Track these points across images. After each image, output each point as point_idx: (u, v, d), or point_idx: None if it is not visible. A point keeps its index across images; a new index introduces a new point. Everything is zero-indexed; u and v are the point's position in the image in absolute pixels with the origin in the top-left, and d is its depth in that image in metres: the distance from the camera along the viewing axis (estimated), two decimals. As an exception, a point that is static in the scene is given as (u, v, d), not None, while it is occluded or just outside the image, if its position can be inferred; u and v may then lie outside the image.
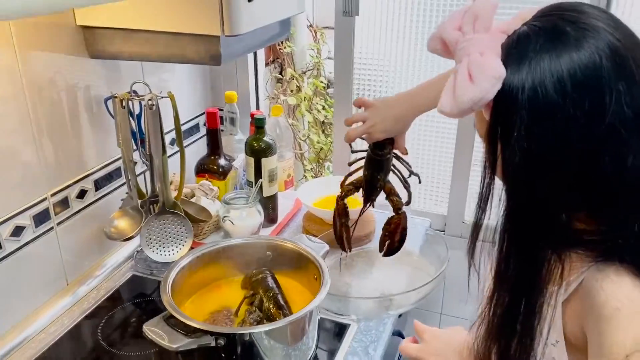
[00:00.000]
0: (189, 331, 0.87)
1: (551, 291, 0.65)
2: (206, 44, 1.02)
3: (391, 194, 1.17)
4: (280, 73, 1.78)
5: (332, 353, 1.04)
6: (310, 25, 1.91)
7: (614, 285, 0.59)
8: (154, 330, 0.86)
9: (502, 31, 0.63)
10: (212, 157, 1.45)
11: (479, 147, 1.50)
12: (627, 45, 0.58)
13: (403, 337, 1.52)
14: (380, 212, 1.53)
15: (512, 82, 0.59)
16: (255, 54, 1.60)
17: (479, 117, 0.67)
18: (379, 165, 1.14)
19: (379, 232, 1.45)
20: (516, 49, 0.60)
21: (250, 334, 0.87)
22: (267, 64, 1.72)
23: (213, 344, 0.87)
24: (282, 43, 1.73)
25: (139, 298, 1.20)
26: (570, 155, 0.58)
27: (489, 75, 0.59)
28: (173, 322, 0.88)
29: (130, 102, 1.14)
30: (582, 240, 0.63)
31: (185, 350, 0.85)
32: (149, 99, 1.12)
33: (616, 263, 0.60)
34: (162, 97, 1.15)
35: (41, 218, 1.08)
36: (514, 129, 0.59)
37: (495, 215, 0.70)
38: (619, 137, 0.57)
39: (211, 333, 0.86)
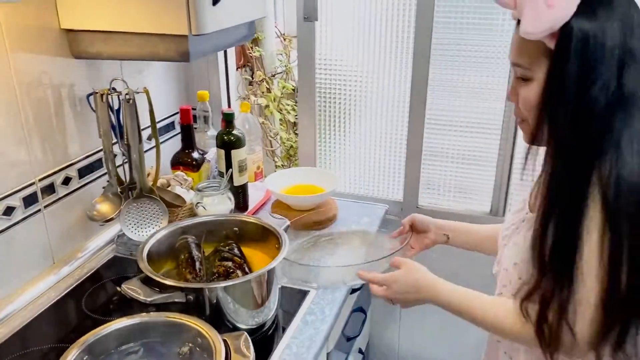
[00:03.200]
0: (162, 289, 1.00)
1: None
2: (176, 43, 1.15)
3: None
4: (252, 76, 1.93)
5: (292, 313, 1.18)
6: (282, 35, 2.06)
7: None
8: (131, 288, 0.99)
9: None
10: (186, 151, 1.58)
11: (429, 137, 1.66)
12: None
13: (365, 313, 1.67)
14: (342, 199, 1.68)
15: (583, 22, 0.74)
16: (225, 56, 1.74)
17: (521, 47, 0.82)
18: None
19: (340, 216, 1.60)
20: None
21: (216, 289, 1.00)
22: (238, 68, 1.87)
23: (183, 300, 0.99)
24: (251, 48, 1.88)
25: (119, 275, 1.32)
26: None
27: None
28: (148, 282, 1.01)
29: (109, 97, 1.28)
30: None
31: (160, 303, 0.98)
32: (127, 93, 1.25)
33: None
34: (139, 92, 1.28)
35: (30, 201, 1.20)
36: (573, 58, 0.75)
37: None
38: None
39: (181, 289, 0.99)
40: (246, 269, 1.12)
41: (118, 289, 1.01)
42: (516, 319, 0.88)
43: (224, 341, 0.90)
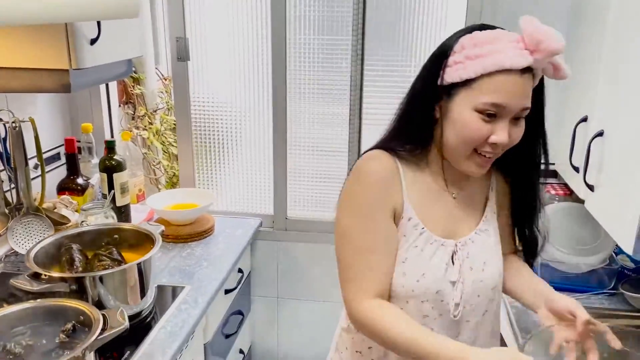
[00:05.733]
0: (47, 282, 1.16)
1: None
2: (59, 76, 1.35)
3: None
4: (134, 112, 2.13)
5: (168, 304, 1.37)
6: (164, 76, 2.29)
7: None
8: (19, 282, 1.14)
9: None
10: (71, 177, 1.74)
11: (291, 156, 1.95)
12: None
13: (242, 315, 1.88)
14: (220, 216, 1.91)
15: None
16: (107, 92, 1.94)
17: (529, 92, 0.94)
18: None
19: (217, 229, 1.82)
20: None
21: (94, 277, 1.18)
22: (120, 104, 2.06)
23: (67, 289, 1.16)
24: (133, 87, 2.08)
25: (7, 289, 1.43)
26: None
27: None
28: (35, 278, 1.16)
29: (-4, 126, 1.43)
30: None
31: (46, 293, 1.14)
32: (13, 122, 1.42)
33: None
34: (24, 122, 1.45)
35: None
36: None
37: None
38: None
39: (64, 280, 1.16)
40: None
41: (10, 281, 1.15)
42: None
43: (103, 315, 1.08)
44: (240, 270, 1.83)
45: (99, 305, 1.19)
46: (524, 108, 0.93)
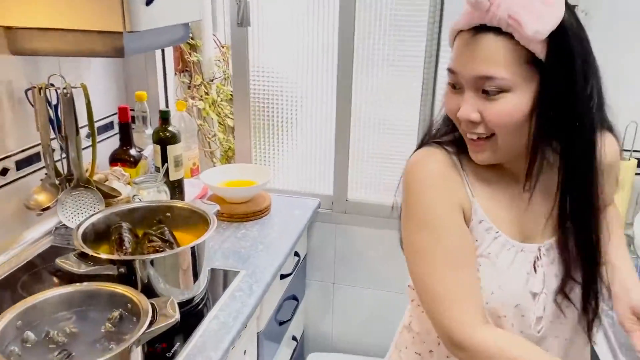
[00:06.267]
0: (95, 263, 1.07)
1: None
2: (111, 39, 1.24)
3: None
4: (190, 81, 2.02)
5: (221, 290, 1.27)
6: (221, 44, 2.17)
7: None
8: (65, 261, 1.06)
9: None
10: (124, 148, 1.66)
11: (355, 134, 1.80)
12: None
13: (297, 300, 1.77)
14: (276, 194, 1.79)
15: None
16: (163, 58, 1.83)
17: (494, 58, 0.75)
18: None
19: (273, 209, 1.70)
20: None
21: (145, 260, 1.08)
22: (176, 72, 1.96)
23: (115, 272, 1.07)
24: (190, 53, 1.97)
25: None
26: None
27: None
28: (83, 258, 1.08)
29: (47, 92, 1.35)
30: None
31: (93, 275, 1.05)
32: (64, 88, 1.33)
33: None
34: (76, 87, 1.36)
35: (-34, 189, 1.25)
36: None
37: None
38: None
39: (112, 262, 1.07)
40: (175, 248, 1.20)
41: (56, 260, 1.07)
42: None
43: (152, 305, 0.98)
44: (296, 254, 1.71)
45: (148, 289, 1.10)
46: (482, 76, 0.76)
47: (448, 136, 0.90)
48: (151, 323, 0.93)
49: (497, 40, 0.75)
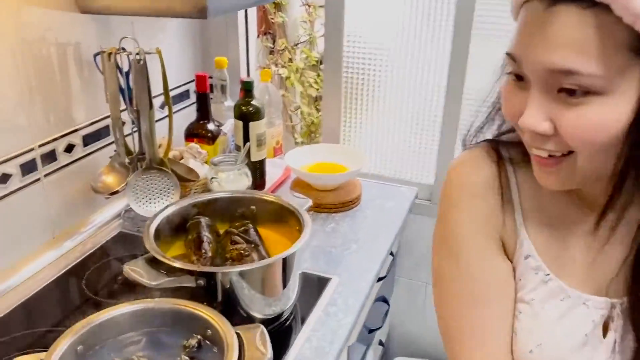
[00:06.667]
0: (169, 272, 0.88)
1: None
2: (193, -4, 1.03)
3: None
4: (273, 45, 1.80)
5: (312, 303, 1.06)
6: (307, 3, 1.92)
7: None
8: (134, 269, 0.88)
9: None
10: (201, 122, 1.46)
11: (465, 115, 1.52)
12: None
13: (388, 303, 1.55)
14: (366, 180, 1.55)
15: None
16: (246, 20, 1.61)
17: (582, 47, 0.50)
18: None
19: (364, 198, 1.47)
20: None
21: (229, 273, 0.89)
22: (259, 35, 1.73)
23: (193, 284, 0.88)
24: (274, 14, 1.74)
25: (125, 253, 1.21)
26: None
27: None
28: (154, 264, 0.89)
29: (118, 57, 1.16)
30: None
31: (166, 288, 0.87)
32: (137, 53, 1.13)
33: None
34: (150, 53, 1.16)
35: (28, 168, 1.09)
36: None
37: None
38: None
39: (191, 272, 0.88)
40: (262, 252, 1.00)
41: (124, 267, 0.90)
42: None
43: (237, 334, 0.78)
44: (391, 253, 1.48)
45: (229, 303, 0.91)
46: (559, 69, 0.51)
47: (515, 133, 0.65)
48: (238, 363, 0.73)
49: (586, 15, 0.50)
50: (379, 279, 1.36)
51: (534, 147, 0.58)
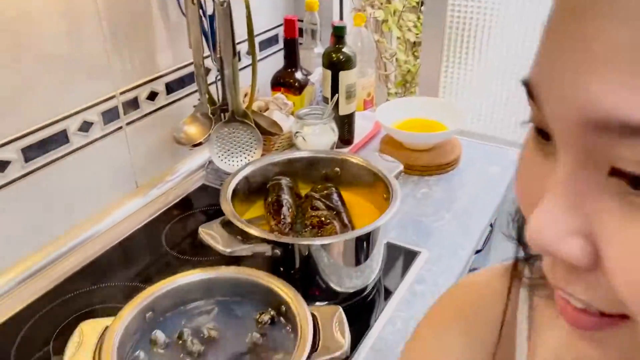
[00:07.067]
0: (245, 237, 0.82)
1: None
2: None
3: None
4: (369, -16, 1.64)
5: (397, 279, 0.97)
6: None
7: None
8: (209, 233, 0.82)
9: None
10: (289, 70, 1.37)
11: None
12: None
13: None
14: (465, 139, 1.40)
15: None
16: (341, -43, 1.46)
17: None
18: None
19: (464, 160, 1.33)
20: None
21: (308, 246, 0.81)
22: (354, -27, 1.58)
23: (269, 253, 0.81)
24: (372, -51, 1.58)
25: (206, 207, 1.18)
26: None
27: None
28: (230, 228, 0.84)
29: (202, 0, 1.08)
30: None
31: (240, 255, 0.81)
32: (221, -5, 1.04)
33: None
34: (235, -5, 1.07)
35: (110, 116, 1.06)
36: None
37: None
38: None
39: (268, 241, 0.81)
40: (345, 220, 0.91)
41: (199, 230, 0.85)
42: None
43: (313, 316, 0.71)
44: (490, 225, 1.34)
45: (306, 275, 0.84)
46: (604, 121, 0.20)
47: None
48: (312, 351, 0.66)
49: None
50: (478, 251, 1.24)
51: (552, 280, 0.29)
